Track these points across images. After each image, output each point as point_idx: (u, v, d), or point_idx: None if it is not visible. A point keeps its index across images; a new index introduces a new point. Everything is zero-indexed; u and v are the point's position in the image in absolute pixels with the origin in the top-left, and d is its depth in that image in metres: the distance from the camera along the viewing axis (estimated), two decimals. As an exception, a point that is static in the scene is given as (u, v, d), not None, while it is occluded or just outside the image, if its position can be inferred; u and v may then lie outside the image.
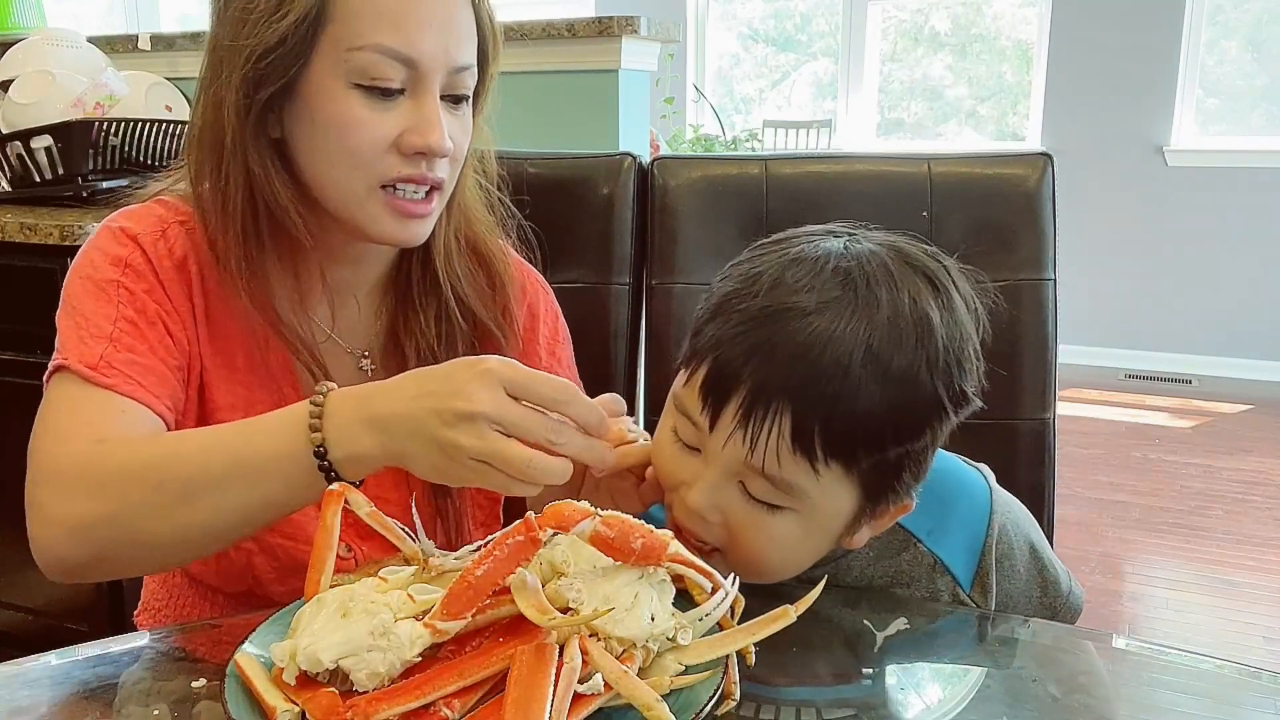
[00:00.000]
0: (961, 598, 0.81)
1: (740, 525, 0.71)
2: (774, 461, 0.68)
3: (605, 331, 1.16)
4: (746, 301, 0.71)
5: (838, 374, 0.66)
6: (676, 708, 0.53)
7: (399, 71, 0.79)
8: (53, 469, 0.75)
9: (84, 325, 0.81)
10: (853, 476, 0.70)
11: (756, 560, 0.72)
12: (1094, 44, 4.51)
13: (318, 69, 0.79)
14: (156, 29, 3.56)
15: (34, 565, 0.77)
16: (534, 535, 0.57)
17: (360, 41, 0.77)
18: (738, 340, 0.69)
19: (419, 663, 0.56)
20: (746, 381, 0.68)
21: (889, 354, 0.67)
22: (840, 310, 0.68)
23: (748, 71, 5.80)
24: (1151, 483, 3.32)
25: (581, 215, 1.17)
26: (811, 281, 0.69)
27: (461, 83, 0.83)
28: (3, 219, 1.74)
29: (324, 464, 0.69)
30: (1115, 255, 4.59)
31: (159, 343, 0.83)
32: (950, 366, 0.70)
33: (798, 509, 0.70)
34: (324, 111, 0.79)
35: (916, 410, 0.69)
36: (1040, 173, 1.09)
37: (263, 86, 0.79)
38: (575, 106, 2.06)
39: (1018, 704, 0.65)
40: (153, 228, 0.86)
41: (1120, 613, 2.53)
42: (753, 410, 0.68)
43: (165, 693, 0.64)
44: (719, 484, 0.71)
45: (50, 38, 2.14)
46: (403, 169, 0.81)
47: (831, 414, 0.67)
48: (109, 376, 0.79)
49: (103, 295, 0.82)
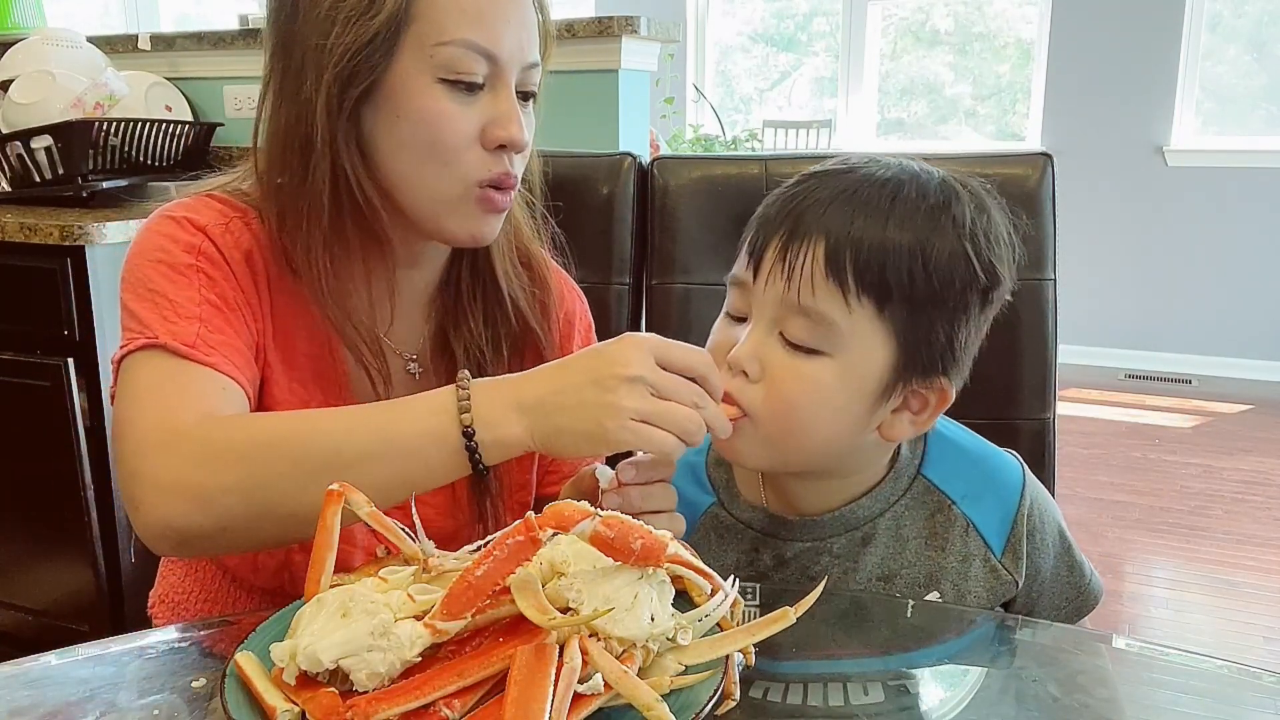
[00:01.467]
0: (993, 563, 0.82)
1: (779, 370, 0.74)
2: (809, 290, 0.72)
3: (605, 331, 1.15)
4: (791, 181, 0.79)
5: (867, 210, 0.73)
6: (676, 708, 0.53)
7: (482, 66, 0.80)
8: (165, 438, 0.74)
9: (169, 306, 0.81)
10: (885, 321, 0.73)
11: (790, 409, 0.74)
12: (1094, 44, 4.51)
13: (403, 65, 0.80)
14: (156, 29, 3.55)
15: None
16: (534, 535, 0.57)
17: (446, 36, 0.79)
18: (777, 202, 0.77)
19: (419, 663, 0.56)
20: (784, 223, 0.75)
21: (924, 198, 0.74)
22: (881, 167, 0.77)
23: (748, 71, 5.80)
24: (1151, 483, 3.32)
25: (581, 215, 1.17)
26: (858, 158, 0.79)
27: (531, 80, 0.85)
28: (3, 219, 1.74)
29: (471, 444, 0.72)
30: (1115, 255, 4.59)
31: (242, 327, 0.84)
32: (978, 235, 0.75)
33: (832, 353, 0.73)
34: (411, 106, 0.80)
35: (944, 258, 0.73)
36: (1040, 173, 1.09)
37: (354, 84, 0.80)
38: (575, 106, 2.06)
39: (1018, 704, 0.65)
40: (216, 219, 0.86)
41: (1120, 613, 2.53)
42: (789, 245, 0.74)
43: (165, 692, 0.64)
44: (760, 336, 0.75)
45: (50, 38, 2.15)
46: (491, 166, 0.83)
47: (861, 241, 0.72)
48: (209, 355, 0.79)
49: (183, 279, 0.82)
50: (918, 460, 0.84)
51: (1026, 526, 0.83)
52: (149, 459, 0.74)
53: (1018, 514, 0.83)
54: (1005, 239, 0.77)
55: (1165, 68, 4.41)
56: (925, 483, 0.83)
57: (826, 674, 0.67)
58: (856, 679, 0.66)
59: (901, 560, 0.82)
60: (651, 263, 1.17)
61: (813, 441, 0.76)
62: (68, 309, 1.74)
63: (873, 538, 0.82)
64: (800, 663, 0.68)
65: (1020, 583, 0.83)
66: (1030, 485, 0.84)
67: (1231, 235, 4.42)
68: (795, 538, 0.83)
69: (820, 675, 0.67)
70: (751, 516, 0.85)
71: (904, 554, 0.82)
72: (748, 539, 0.85)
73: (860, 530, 0.82)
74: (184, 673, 0.67)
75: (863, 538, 0.82)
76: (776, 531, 0.84)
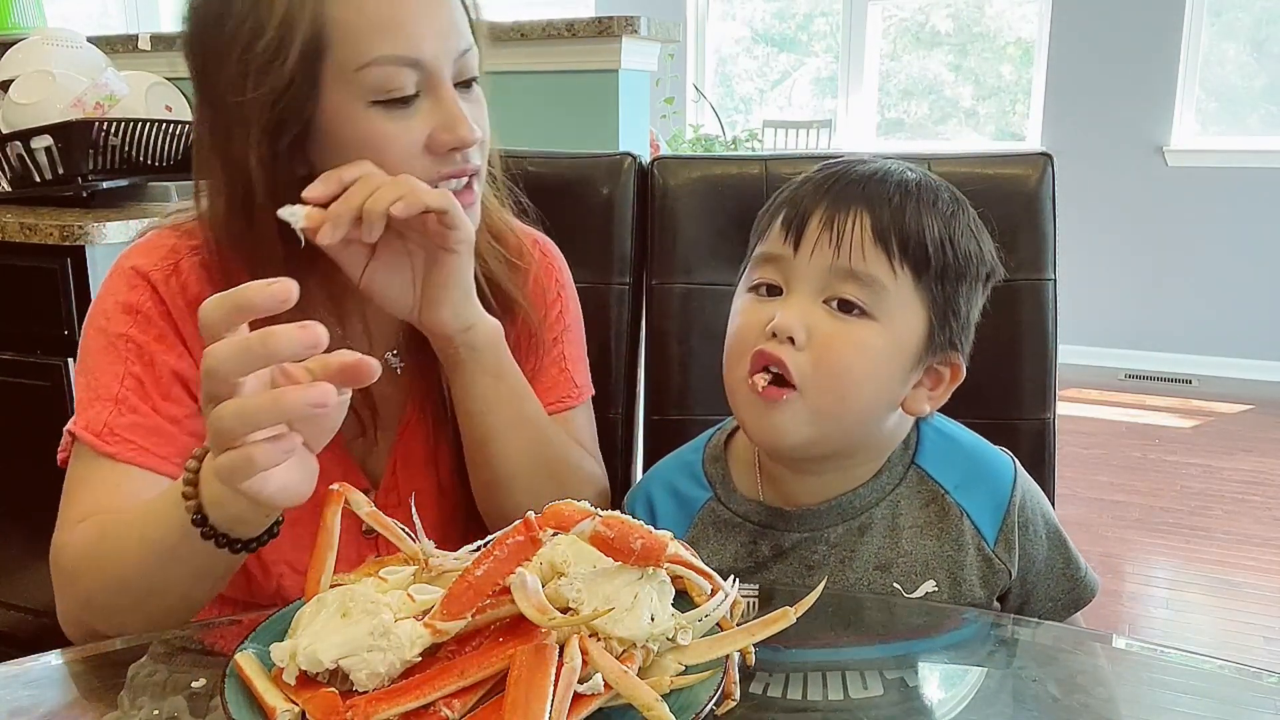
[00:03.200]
0: (986, 552, 0.83)
1: (829, 335, 0.76)
2: (859, 255, 0.76)
3: (605, 331, 1.16)
4: (807, 174, 0.83)
5: (901, 192, 0.79)
6: (676, 708, 0.53)
7: (410, 77, 0.77)
8: (52, 554, 0.79)
9: (88, 388, 0.82)
10: (921, 291, 0.78)
11: (843, 371, 0.76)
12: (1094, 44, 4.51)
13: (331, 99, 0.77)
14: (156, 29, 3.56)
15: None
16: (534, 535, 0.57)
17: (365, 58, 0.76)
18: (808, 185, 0.81)
19: (419, 663, 0.56)
20: (824, 199, 0.78)
21: (937, 188, 0.81)
22: (888, 165, 0.82)
23: (748, 71, 5.80)
24: (1151, 483, 3.32)
25: (581, 215, 1.17)
26: (859, 159, 0.83)
27: (469, 66, 0.82)
28: (3, 219, 1.74)
29: (206, 529, 0.66)
30: (1115, 255, 4.59)
31: (168, 396, 0.83)
32: (981, 229, 0.82)
33: (879, 317, 0.76)
34: (347, 136, 0.78)
35: (964, 242, 0.79)
36: (1040, 173, 1.09)
37: (284, 132, 0.77)
38: (575, 106, 2.06)
39: (1018, 704, 0.65)
40: (164, 262, 0.85)
41: (1120, 613, 2.53)
42: (834, 216, 0.77)
43: (165, 693, 0.64)
44: (806, 302, 0.77)
45: (50, 38, 2.14)
46: (441, 168, 0.80)
47: (902, 214, 0.77)
48: (111, 445, 0.80)
49: (112, 350, 0.83)
50: (911, 450, 0.85)
51: (1019, 517, 0.83)
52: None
53: (1010, 504, 0.83)
54: (989, 237, 0.83)
55: (1165, 68, 4.41)
56: (920, 472, 0.84)
57: (826, 664, 0.67)
58: (855, 669, 0.67)
59: (898, 549, 0.83)
60: (651, 263, 1.17)
61: (855, 411, 0.78)
62: (68, 309, 1.74)
63: (869, 527, 0.83)
64: (799, 651, 0.68)
65: (1014, 573, 0.83)
66: (1021, 478, 0.85)
67: (1231, 235, 4.42)
68: (793, 528, 0.84)
69: (820, 665, 0.67)
70: (749, 510, 0.86)
71: (900, 543, 0.83)
72: (746, 531, 0.85)
73: (857, 520, 0.83)
74: (183, 673, 0.67)
75: (859, 527, 0.83)
76: (774, 523, 0.84)
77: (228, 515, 0.66)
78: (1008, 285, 1.07)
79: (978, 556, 0.83)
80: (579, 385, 0.99)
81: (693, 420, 1.12)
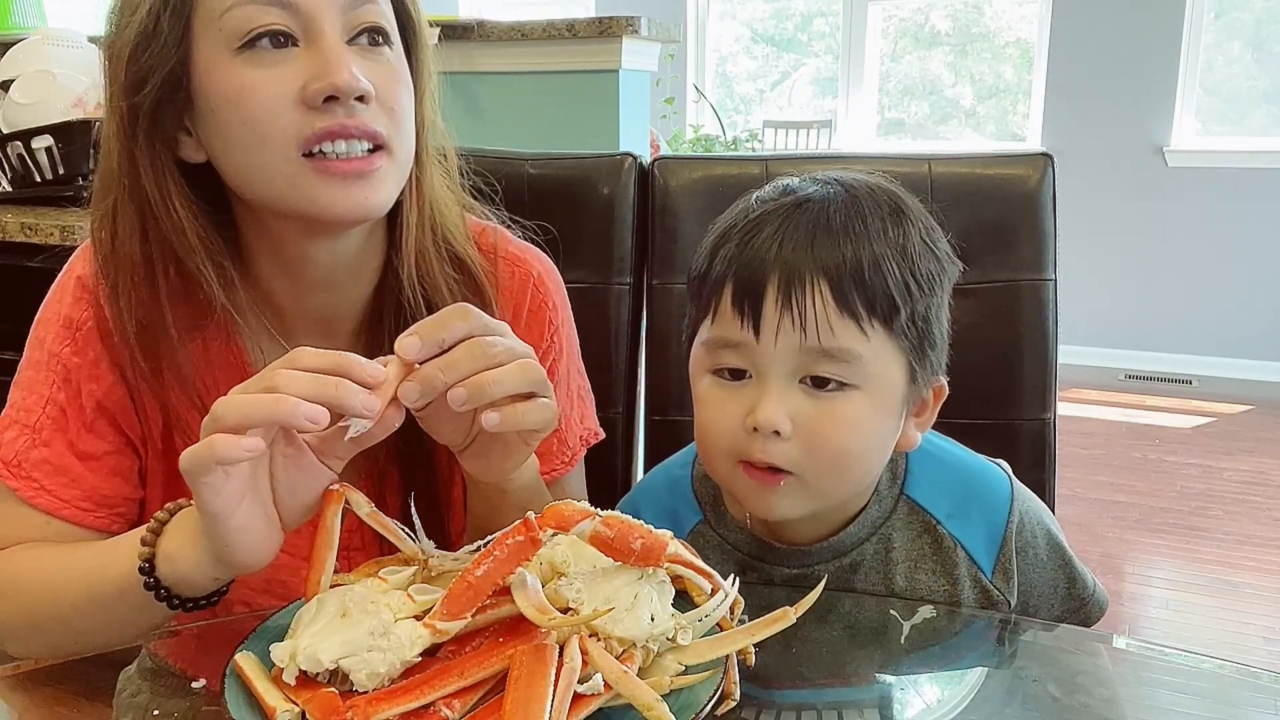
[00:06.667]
0: (983, 584, 0.80)
1: (815, 421, 0.72)
2: (827, 331, 0.71)
3: (605, 331, 1.16)
4: (743, 222, 0.76)
5: (850, 232, 0.72)
6: (676, 708, 0.53)
7: (278, 15, 0.70)
8: None
9: (19, 404, 0.81)
10: (896, 337, 0.73)
11: (838, 453, 0.73)
12: (1094, 44, 4.50)
13: (202, 55, 0.72)
14: (157, 29, 3.54)
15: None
16: (534, 535, 0.57)
17: (229, 1, 0.70)
18: (751, 247, 0.74)
19: (419, 663, 0.56)
20: (775, 270, 0.72)
21: (880, 208, 0.74)
22: (827, 190, 0.76)
23: (748, 71, 5.80)
24: (1151, 483, 3.32)
25: (581, 215, 1.17)
26: (797, 186, 0.77)
27: (365, 14, 0.74)
28: (3, 219, 1.73)
29: (150, 580, 0.66)
30: (1115, 255, 4.59)
31: (91, 428, 0.80)
32: (928, 226, 0.77)
33: (860, 385, 0.72)
34: (217, 93, 0.71)
35: (918, 255, 0.74)
36: (1040, 173, 1.09)
37: (143, 86, 0.72)
38: (575, 106, 2.06)
39: (1017, 704, 0.65)
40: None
41: (1120, 613, 2.53)
42: (790, 290, 0.71)
43: (165, 693, 0.64)
44: (781, 391, 0.72)
45: (50, 38, 2.14)
46: (316, 122, 0.71)
47: (858, 269, 0.71)
48: (15, 479, 0.79)
49: (44, 369, 0.81)
50: (900, 480, 0.82)
51: (1016, 544, 0.81)
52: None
53: (1006, 531, 0.80)
54: (934, 223, 0.79)
55: (1165, 68, 4.41)
56: (910, 503, 0.82)
57: (821, 703, 0.65)
58: (852, 708, 0.65)
59: (891, 586, 0.80)
60: (651, 263, 1.17)
61: (855, 477, 0.76)
62: (68, 309, 1.74)
63: (860, 564, 0.81)
64: (793, 691, 0.67)
65: (1013, 603, 0.81)
66: (1018, 497, 0.82)
67: (1231, 235, 4.42)
68: (782, 564, 0.82)
69: (814, 704, 0.65)
70: (738, 539, 0.84)
71: (893, 579, 0.81)
72: (734, 560, 0.83)
73: (848, 556, 0.81)
74: (183, 673, 0.67)
75: (850, 564, 0.81)
76: (764, 556, 0.83)
77: (176, 572, 0.66)
78: (1008, 285, 1.07)
79: (974, 589, 0.80)
80: (571, 447, 0.93)
81: (692, 420, 1.11)
